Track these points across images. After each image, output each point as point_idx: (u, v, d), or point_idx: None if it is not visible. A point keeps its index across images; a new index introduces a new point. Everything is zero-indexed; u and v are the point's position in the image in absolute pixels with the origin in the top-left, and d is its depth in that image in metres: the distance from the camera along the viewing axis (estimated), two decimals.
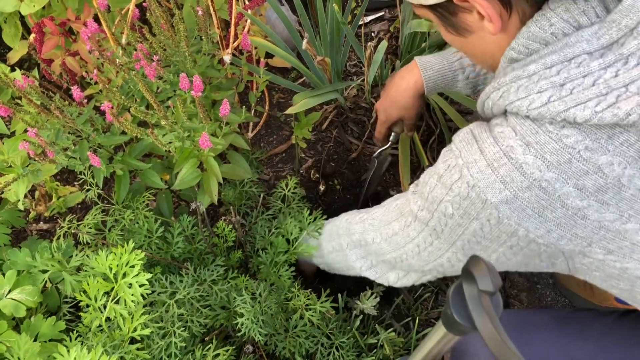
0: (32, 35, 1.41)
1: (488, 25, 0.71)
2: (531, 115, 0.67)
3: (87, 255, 1.13)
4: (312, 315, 1.14)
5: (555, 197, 0.67)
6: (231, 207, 1.31)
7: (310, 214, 1.26)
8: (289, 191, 1.35)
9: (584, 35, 0.64)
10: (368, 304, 1.18)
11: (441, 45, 1.61)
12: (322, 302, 1.16)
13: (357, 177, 1.53)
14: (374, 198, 1.58)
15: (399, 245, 0.95)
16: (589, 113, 0.62)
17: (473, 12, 0.71)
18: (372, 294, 1.23)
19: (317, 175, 1.60)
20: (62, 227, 1.25)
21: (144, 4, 1.15)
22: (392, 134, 1.35)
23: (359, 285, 1.30)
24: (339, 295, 1.25)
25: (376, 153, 1.40)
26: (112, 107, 1.06)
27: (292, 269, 1.22)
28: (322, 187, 1.52)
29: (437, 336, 0.68)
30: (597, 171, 0.64)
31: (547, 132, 0.66)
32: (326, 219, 1.27)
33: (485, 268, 0.54)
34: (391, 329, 1.20)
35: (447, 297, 0.58)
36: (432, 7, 0.76)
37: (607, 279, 0.77)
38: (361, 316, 1.25)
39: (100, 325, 1.04)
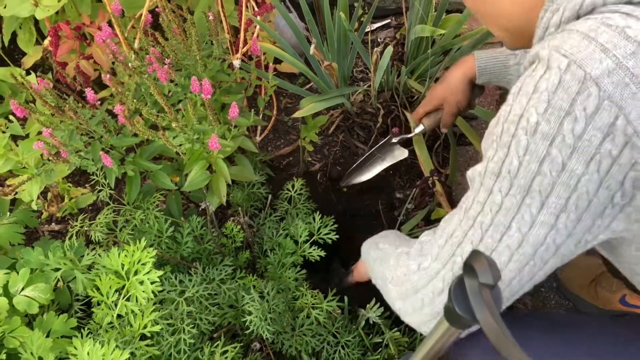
0: (47, 40, 1.45)
1: None
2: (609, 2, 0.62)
3: (99, 254, 1.16)
4: (318, 314, 1.16)
5: None
6: (239, 208, 1.34)
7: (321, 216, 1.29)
8: (295, 192, 1.37)
9: None
10: (373, 313, 1.20)
11: (446, 51, 1.63)
12: (328, 302, 1.18)
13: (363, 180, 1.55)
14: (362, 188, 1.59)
15: (454, 246, 0.79)
16: None
17: None
18: (376, 302, 1.25)
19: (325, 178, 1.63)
20: (75, 226, 1.28)
21: (156, 9, 1.18)
22: (421, 125, 1.35)
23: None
24: (345, 297, 1.27)
25: (397, 138, 1.41)
26: (124, 108, 1.09)
27: (299, 269, 1.25)
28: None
29: (440, 330, 0.70)
30: None
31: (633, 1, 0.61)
32: (334, 219, 1.29)
33: (485, 262, 0.56)
34: (396, 329, 1.22)
35: (449, 291, 0.60)
36: None
37: None
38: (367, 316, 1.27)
39: (111, 322, 1.06)
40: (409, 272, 0.88)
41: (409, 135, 1.39)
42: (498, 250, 0.74)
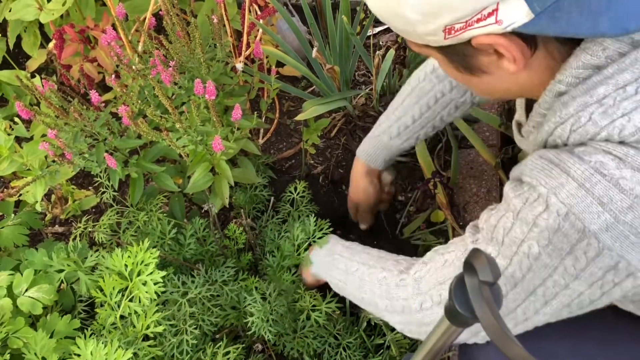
0: (51, 43, 1.46)
1: (508, 65, 0.65)
2: (627, 142, 0.60)
3: (102, 256, 1.16)
4: (318, 316, 1.16)
5: None
6: (242, 210, 1.34)
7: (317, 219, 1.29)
8: (297, 195, 1.38)
9: None
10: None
11: None
12: (327, 303, 1.18)
13: None
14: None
15: None
16: None
17: (491, 51, 0.65)
18: None
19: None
20: (78, 228, 1.29)
21: (160, 12, 1.19)
22: (363, 224, 1.44)
23: None
24: (347, 299, 1.27)
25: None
26: (129, 109, 1.10)
27: (296, 271, 1.25)
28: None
29: (441, 329, 0.70)
30: None
31: (634, 146, 0.60)
32: (336, 222, 1.29)
33: (485, 260, 0.56)
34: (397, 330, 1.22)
35: (450, 289, 0.61)
36: (441, 48, 0.67)
37: None
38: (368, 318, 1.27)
39: (114, 323, 1.07)
40: (410, 310, 0.90)
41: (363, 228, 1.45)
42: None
